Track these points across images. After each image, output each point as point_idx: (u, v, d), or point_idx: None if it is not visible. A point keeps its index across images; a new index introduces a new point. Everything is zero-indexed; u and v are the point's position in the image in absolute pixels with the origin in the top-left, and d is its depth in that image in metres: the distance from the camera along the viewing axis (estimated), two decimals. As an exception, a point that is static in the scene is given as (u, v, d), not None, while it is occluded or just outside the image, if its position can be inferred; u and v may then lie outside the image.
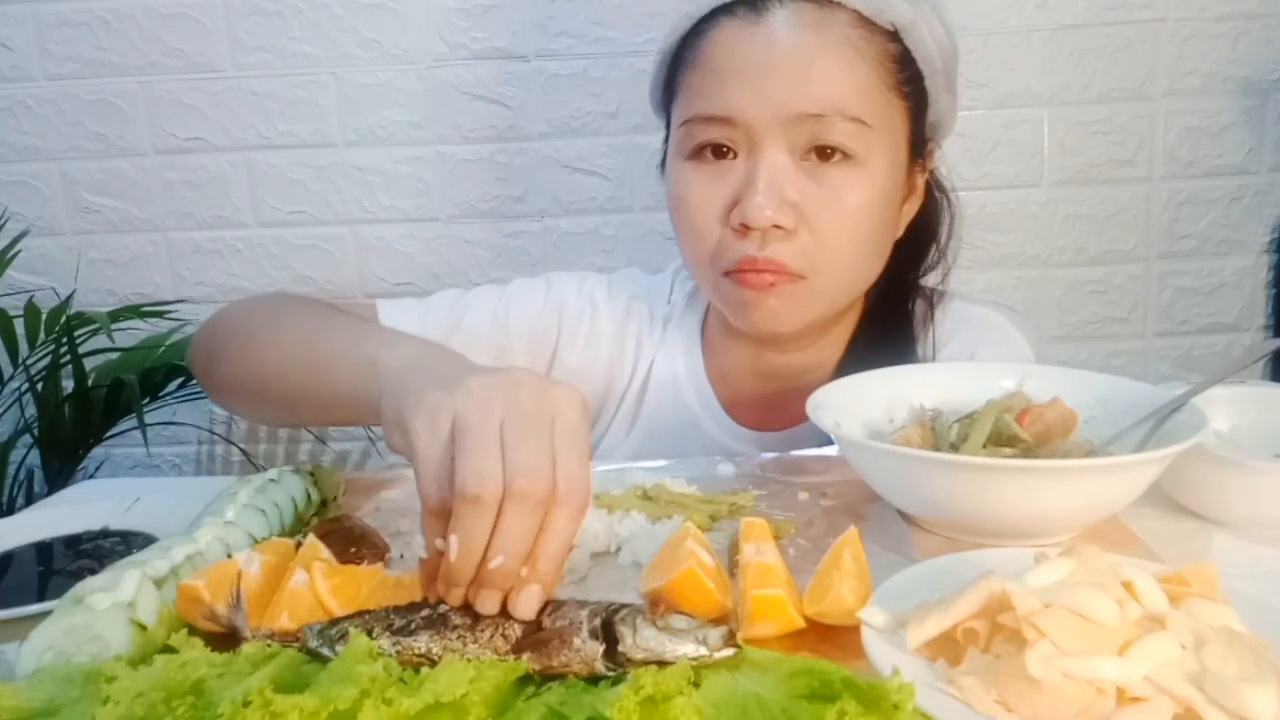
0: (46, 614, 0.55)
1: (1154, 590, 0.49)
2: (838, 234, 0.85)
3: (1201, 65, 1.78)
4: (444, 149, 1.83)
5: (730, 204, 0.86)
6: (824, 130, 0.83)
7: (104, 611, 0.54)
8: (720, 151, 0.87)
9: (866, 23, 0.85)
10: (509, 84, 1.81)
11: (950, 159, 0.99)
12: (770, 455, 0.89)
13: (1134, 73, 1.78)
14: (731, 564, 0.63)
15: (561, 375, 1.02)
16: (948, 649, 0.49)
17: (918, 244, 0.98)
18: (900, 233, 0.94)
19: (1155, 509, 0.73)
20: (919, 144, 0.92)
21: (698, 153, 0.88)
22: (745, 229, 0.84)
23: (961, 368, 0.87)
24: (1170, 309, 1.88)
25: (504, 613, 0.52)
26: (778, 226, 0.84)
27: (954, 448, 0.73)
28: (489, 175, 1.84)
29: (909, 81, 0.88)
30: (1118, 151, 1.81)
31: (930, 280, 1.01)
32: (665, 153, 0.94)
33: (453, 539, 0.51)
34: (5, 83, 1.82)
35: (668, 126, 0.93)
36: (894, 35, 0.86)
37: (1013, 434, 0.73)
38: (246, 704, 0.43)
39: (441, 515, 0.53)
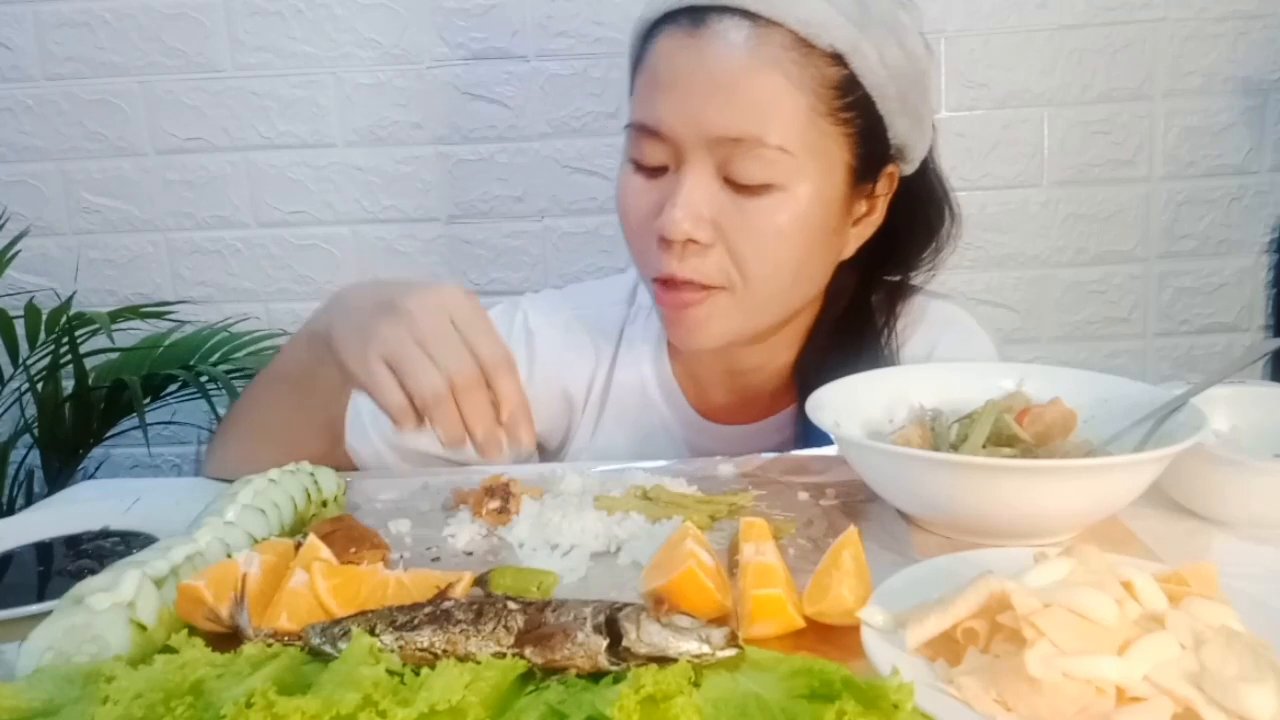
0: (46, 614, 0.55)
1: (1153, 590, 0.49)
2: (757, 257, 0.84)
3: (1201, 65, 1.78)
4: (444, 149, 1.83)
5: (657, 212, 0.85)
6: (743, 154, 0.82)
7: (104, 611, 0.54)
8: (654, 171, 0.87)
9: (804, 44, 0.82)
10: (509, 84, 1.81)
11: (950, 159, 0.98)
12: (770, 455, 0.89)
13: (1134, 73, 1.78)
14: (731, 564, 0.64)
15: None
16: (947, 649, 0.49)
17: (893, 250, 0.97)
18: (849, 253, 0.92)
19: (1155, 509, 0.73)
20: (869, 169, 0.89)
21: (637, 164, 0.88)
22: (665, 241, 0.84)
23: (961, 368, 0.87)
24: (1170, 309, 1.88)
25: (506, 607, 0.52)
26: (693, 241, 0.83)
27: (954, 448, 0.73)
28: (489, 175, 1.84)
29: (852, 107, 0.85)
30: (1118, 151, 1.81)
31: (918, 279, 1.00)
32: None
33: (439, 431, 0.70)
34: (5, 83, 1.82)
35: None
36: (836, 59, 0.83)
37: (1012, 434, 0.73)
38: (249, 705, 0.43)
39: (408, 418, 0.70)
